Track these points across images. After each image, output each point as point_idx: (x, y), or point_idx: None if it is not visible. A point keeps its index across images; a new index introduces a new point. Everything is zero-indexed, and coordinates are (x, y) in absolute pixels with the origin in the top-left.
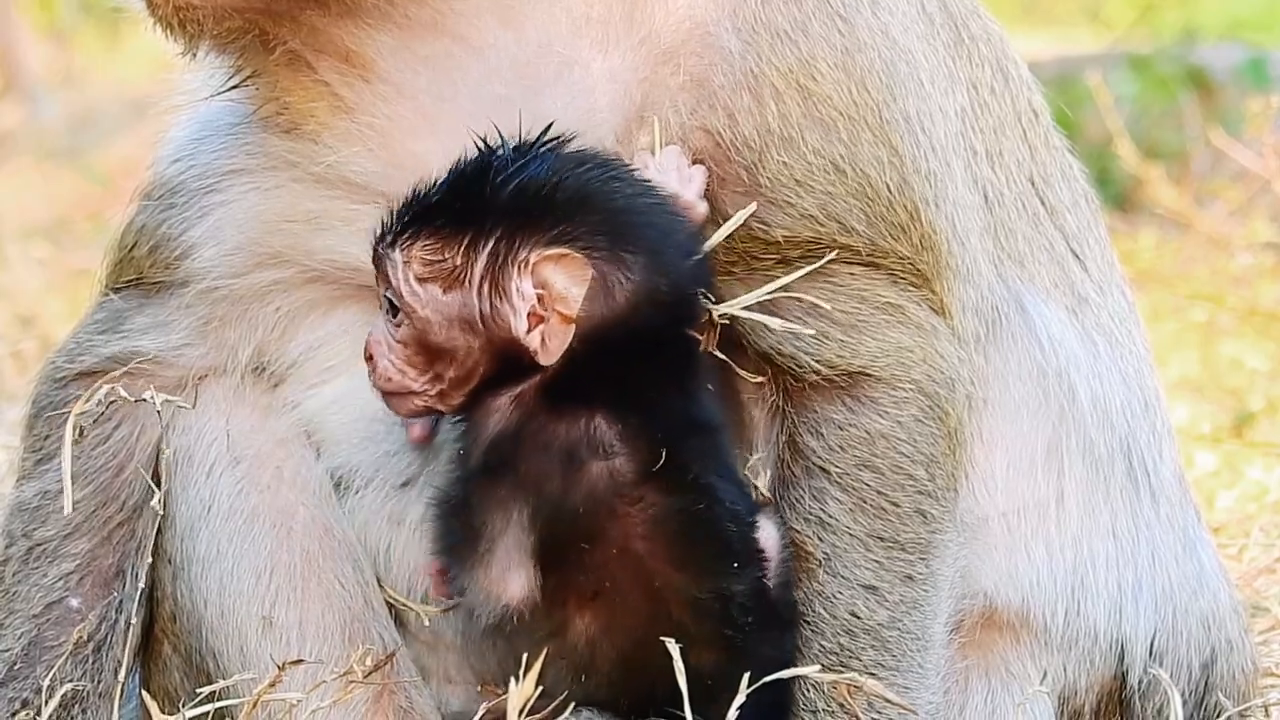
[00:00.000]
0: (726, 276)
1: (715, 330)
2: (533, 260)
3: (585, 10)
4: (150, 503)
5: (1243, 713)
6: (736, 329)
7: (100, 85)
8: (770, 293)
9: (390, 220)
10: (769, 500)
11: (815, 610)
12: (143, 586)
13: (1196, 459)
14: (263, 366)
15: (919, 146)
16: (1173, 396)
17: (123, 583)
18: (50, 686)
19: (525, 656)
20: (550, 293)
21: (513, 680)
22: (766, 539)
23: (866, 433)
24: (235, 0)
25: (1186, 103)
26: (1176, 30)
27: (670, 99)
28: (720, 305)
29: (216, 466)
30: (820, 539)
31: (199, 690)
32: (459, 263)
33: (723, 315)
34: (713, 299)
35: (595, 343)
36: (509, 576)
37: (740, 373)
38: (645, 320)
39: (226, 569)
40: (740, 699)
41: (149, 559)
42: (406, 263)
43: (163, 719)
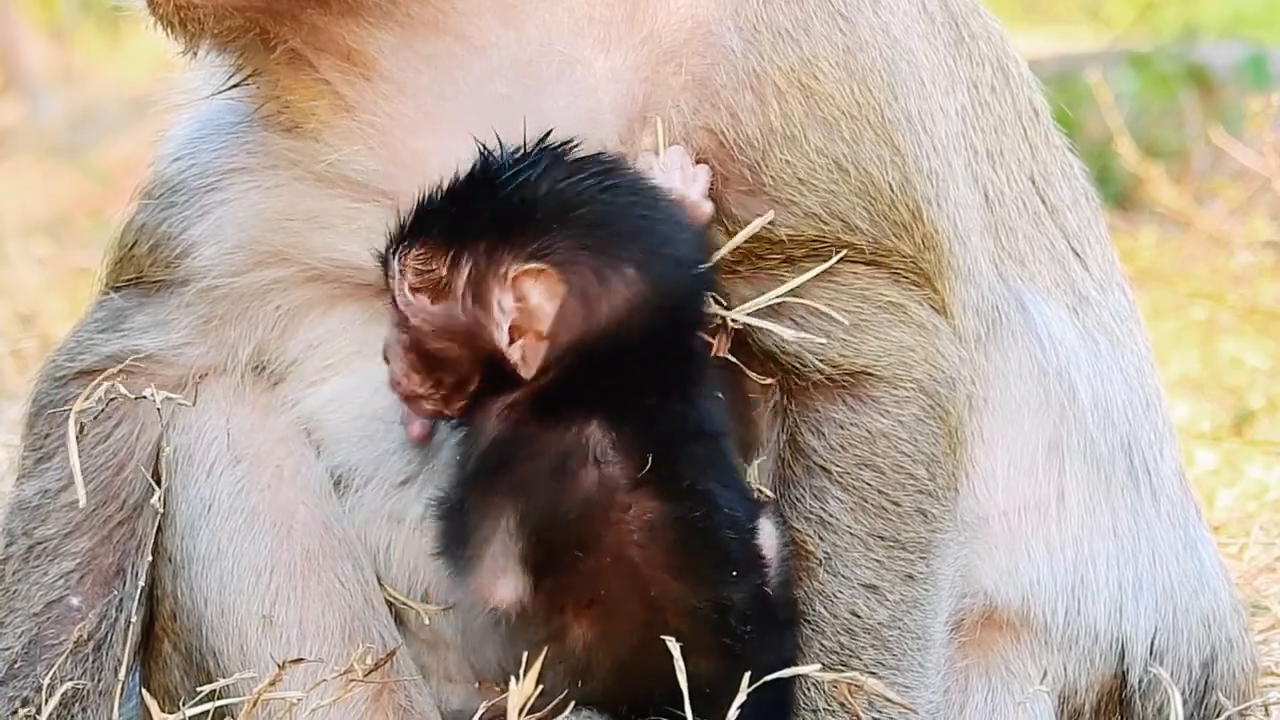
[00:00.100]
0: (731, 276)
1: (728, 335)
2: (512, 274)
3: (587, 10)
4: (150, 501)
5: (1243, 712)
6: (742, 330)
7: (101, 83)
8: (781, 296)
9: (393, 228)
10: (770, 500)
11: (816, 609)
12: (143, 585)
13: (1197, 457)
14: (263, 365)
15: (921, 145)
16: (1173, 395)
17: (123, 581)
18: (50, 685)
19: (525, 656)
20: (526, 307)
21: (513, 679)
22: (766, 540)
23: (868, 432)
24: None
25: (1187, 101)
26: (1176, 28)
27: (673, 99)
28: (733, 310)
29: (217, 465)
30: (821, 538)
31: (199, 689)
32: (445, 274)
33: (735, 321)
34: (723, 303)
35: (582, 354)
36: (498, 581)
37: (751, 376)
38: (639, 330)
39: (227, 567)
40: (741, 698)
41: (149, 557)
42: (402, 272)
43: (163, 717)
